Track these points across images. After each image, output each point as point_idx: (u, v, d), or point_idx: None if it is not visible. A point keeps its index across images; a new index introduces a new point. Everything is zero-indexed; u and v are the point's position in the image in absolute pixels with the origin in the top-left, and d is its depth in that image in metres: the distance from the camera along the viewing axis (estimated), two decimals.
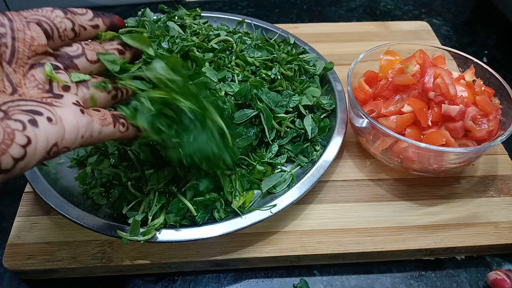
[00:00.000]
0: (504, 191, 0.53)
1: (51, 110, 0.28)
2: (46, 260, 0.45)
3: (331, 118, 0.55)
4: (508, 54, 0.79)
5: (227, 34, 0.58)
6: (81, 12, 0.34)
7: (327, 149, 0.51)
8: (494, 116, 0.49)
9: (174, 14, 0.65)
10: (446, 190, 0.53)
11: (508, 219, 0.50)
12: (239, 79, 0.51)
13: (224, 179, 0.45)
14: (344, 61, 0.67)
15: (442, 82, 0.49)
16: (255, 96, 0.48)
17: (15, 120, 0.26)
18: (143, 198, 0.44)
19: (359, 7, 0.92)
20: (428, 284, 0.46)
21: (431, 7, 0.92)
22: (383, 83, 0.54)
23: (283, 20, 0.87)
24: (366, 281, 0.47)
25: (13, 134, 0.25)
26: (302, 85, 0.56)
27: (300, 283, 0.46)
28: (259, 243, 0.47)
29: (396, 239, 0.47)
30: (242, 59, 0.53)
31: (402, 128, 0.49)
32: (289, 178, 0.48)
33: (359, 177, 0.54)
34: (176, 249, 0.46)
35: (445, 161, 0.48)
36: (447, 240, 0.47)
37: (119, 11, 0.88)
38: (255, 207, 0.45)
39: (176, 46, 0.50)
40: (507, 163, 0.56)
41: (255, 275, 0.47)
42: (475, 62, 0.55)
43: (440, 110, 0.48)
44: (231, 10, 0.89)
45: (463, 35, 0.84)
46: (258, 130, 0.49)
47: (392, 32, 0.78)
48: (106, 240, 0.46)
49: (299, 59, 0.59)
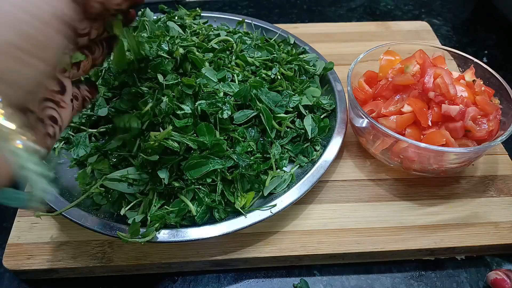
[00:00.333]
0: (504, 191, 0.53)
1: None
2: (46, 260, 0.45)
3: (331, 118, 0.55)
4: (508, 54, 0.79)
5: (227, 34, 0.58)
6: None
7: (327, 149, 0.51)
8: (494, 116, 0.49)
9: (174, 14, 0.65)
10: (446, 190, 0.53)
11: (508, 219, 0.50)
12: (239, 79, 0.51)
13: (225, 182, 0.45)
14: (344, 61, 0.67)
15: (442, 82, 0.49)
16: (254, 96, 0.48)
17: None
18: (143, 198, 0.44)
19: (359, 7, 0.92)
20: (428, 284, 0.46)
21: (431, 7, 0.92)
22: (383, 83, 0.54)
23: (283, 20, 0.87)
24: (366, 281, 0.47)
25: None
26: (302, 85, 0.56)
27: (300, 283, 0.46)
28: (259, 243, 0.47)
29: (396, 239, 0.47)
30: (242, 59, 0.53)
31: (402, 128, 0.49)
32: (289, 178, 0.48)
33: (359, 177, 0.54)
34: (176, 249, 0.46)
35: (445, 161, 0.48)
36: (447, 240, 0.47)
37: None
38: (255, 207, 0.45)
39: (176, 46, 0.50)
40: (507, 163, 0.56)
41: (255, 275, 0.47)
42: (475, 62, 0.55)
43: (440, 110, 0.48)
44: (231, 10, 0.89)
45: (463, 35, 0.84)
46: (259, 131, 0.49)
47: (392, 32, 0.78)
48: (106, 240, 0.46)
49: (299, 59, 0.59)
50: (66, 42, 0.26)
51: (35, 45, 0.24)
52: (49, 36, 0.25)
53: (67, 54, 0.30)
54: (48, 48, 0.25)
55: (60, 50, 0.26)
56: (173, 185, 0.44)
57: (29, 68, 0.24)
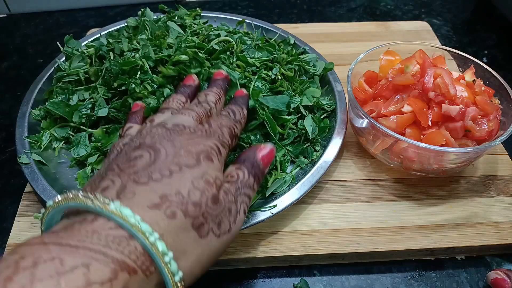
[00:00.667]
0: (504, 191, 0.53)
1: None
2: None
3: (331, 118, 0.55)
4: (508, 54, 0.79)
5: (227, 34, 0.58)
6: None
7: (327, 149, 0.51)
8: (494, 116, 0.49)
9: (174, 14, 0.65)
10: (446, 190, 0.53)
11: (508, 219, 0.50)
12: (241, 82, 0.50)
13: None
14: (344, 61, 0.67)
15: (442, 82, 0.49)
16: (258, 105, 0.47)
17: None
18: None
19: (359, 7, 0.92)
20: (428, 284, 0.46)
21: (431, 7, 0.93)
22: (383, 83, 0.54)
23: (283, 20, 0.87)
24: (366, 281, 0.47)
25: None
26: (302, 86, 0.56)
27: (300, 283, 0.46)
28: (259, 243, 0.47)
29: (396, 239, 0.47)
30: (243, 60, 0.53)
31: (402, 128, 0.49)
32: (289, 179, 0.48)
33: (359, 177, 0.54)
34: None
35: (445, 161, 0.48)
36: (447, 240, 0.47)
37: (119, 11, 0.88)
38: (255, 208, 0.45)
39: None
40: (507, 163, 0.56)
41: (255, 275, 0.47)
42: (475, 62, 0.55)
43: (440, 110, 0.48)
44: (231, 10, 0.89)
45: (463, 35, 0.84)
46: (262, 134, 0.49)
47: (392, 32, 0.78)
48: None
49: (299, 59, 0.59)
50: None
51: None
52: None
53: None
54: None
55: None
56: None
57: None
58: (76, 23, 0.85)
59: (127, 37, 0.60)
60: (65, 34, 0.59)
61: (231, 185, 0.33)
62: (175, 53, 0.50)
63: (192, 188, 0.28)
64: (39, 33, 0.82)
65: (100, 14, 0.87)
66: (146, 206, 0.27)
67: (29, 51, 0.78)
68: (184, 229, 0.27)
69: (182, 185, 0.28)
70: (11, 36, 0.82)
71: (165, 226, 0.26)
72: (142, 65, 0.49)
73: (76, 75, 0.54)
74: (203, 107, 0.39)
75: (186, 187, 0.28)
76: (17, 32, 0.82)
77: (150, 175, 0.28)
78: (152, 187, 0.28)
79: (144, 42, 0.53)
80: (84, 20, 0.86)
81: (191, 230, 0.27)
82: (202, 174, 0.30)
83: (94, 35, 0.64)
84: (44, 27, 0.84)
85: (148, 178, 0.28)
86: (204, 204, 0.29)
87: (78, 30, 0.82)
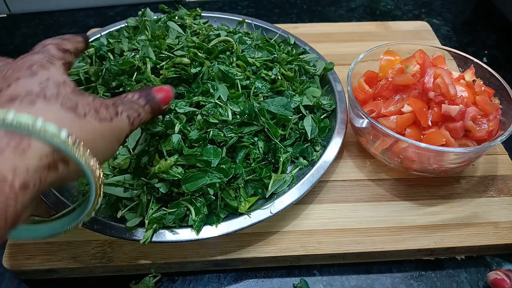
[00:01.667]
0: (504, 191, 0.53)
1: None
2: (46, 260, 0.45)
3: (331, 118, 0.55)
4: (508, 54, 0.79)
5: (227, 34, 0.58)
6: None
7: (327, 149, 0.51)
8: (494, 116, 0.49)
9: (174, 14, 0.65)
10: (446, 190, 0.53)
11: (508, 219, 0.50)
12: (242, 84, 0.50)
13: (228, 189, 0.45)
14: (344, 61, 0.67)
15: (442, 82, 0.49)
16: (258, 113, 0.47)
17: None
18: (140, 201, 0.44)
19: (359, 7, 0.92)
20: (428, 284, 0.46)
21: (431, 7, 0.93)
22: (383, 83, 0.54)
23: (283, 20, 0.87)
24: (366, 281, 0.47)
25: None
26: (302, 86, 0.56)
27: (300, 283, 0.46)
28: (259, 243, 0.47)
29: (396, 239, 0.47)
30: (243, 60, 0.53)
31: (402, 128, 0.49)
32: (290, 179, 0.48)
33: (359, 177, 0.54)
34: (176, 249, 0.46)
35: (445, 161, 0.48)
36: (447, 240, 0.47)
37: (119, 11, 0.88)
38: (255, 207, 0.45)
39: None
40: (507, 163, 0.56)
41: (255, 275, 0.47)
42: (475, 62, 0.55)
43: (440, 110, 0.48)
44: (231, 10, 0.89)
45: (463, 35, 0.84)
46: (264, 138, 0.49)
47: (392, 32, 0.78)
48: (106, 240, 0.46)
49: (299, 60, 0.59)
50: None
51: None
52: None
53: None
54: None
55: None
56: (172, 190, 0.43)
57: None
58: (76, 23, 0.85)
59: (127, 37, 0.60)
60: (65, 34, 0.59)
61: (115, 97, 0.36)
62: (175, 52, 0.50)
63: (43, 86, 0.30)
64: (39, 33, 0.82)
65: (100, 14, 0.87)
66: (5, 101, 0.29)
67: (29, 51, 0.78)
68: (54, 110, 0.29)
69: (29, 86, 0.30)
70: (11, 36, 0.82)
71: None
72: (139, 65, 0.49)
73: (77, 75, 0.54)
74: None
75: (34, 86, 0.30)
76: (17, 32, 0.82)
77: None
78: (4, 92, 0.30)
79: (143, 43, 0.53)
80: (84, 20, 0.86)
81: (63, 111, 0.29)
82: (46, 78, 0.31)
83: (94, 35, 0.64)
84: (44, 27, 0.84)
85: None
86: (63, 92, 0.30)
87: (78, 30, 0.82)
